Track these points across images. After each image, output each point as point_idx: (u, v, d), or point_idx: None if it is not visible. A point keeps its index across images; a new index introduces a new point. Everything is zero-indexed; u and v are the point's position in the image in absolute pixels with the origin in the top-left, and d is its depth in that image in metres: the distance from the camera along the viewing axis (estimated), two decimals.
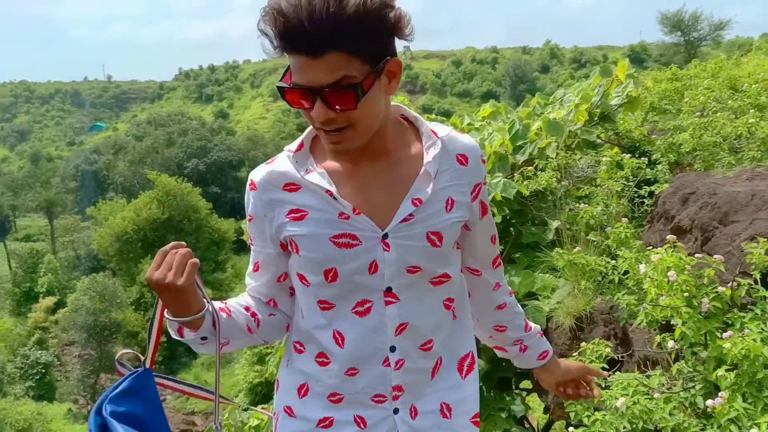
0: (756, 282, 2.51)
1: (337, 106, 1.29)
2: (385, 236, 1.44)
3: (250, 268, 1.64)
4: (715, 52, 48.86)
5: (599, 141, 5.68)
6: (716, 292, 2.48)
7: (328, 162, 1.49)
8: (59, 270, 42.39)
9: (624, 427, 2.67)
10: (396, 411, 1.53)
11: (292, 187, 1.47)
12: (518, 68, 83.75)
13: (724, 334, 2.31)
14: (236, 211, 52.93)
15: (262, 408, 6.13)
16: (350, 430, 1.54)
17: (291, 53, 1.29)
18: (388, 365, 1.50)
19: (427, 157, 1.45)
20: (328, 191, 1.42)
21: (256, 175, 1.51)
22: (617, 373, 3.02)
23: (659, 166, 5.16)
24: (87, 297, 31.12)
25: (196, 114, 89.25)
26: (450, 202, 1.46)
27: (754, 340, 2.22)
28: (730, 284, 2.50)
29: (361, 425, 1.53)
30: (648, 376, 2.83)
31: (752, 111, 5.25)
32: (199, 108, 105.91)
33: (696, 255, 2.63)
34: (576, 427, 2.87)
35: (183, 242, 1.48)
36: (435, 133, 1.49)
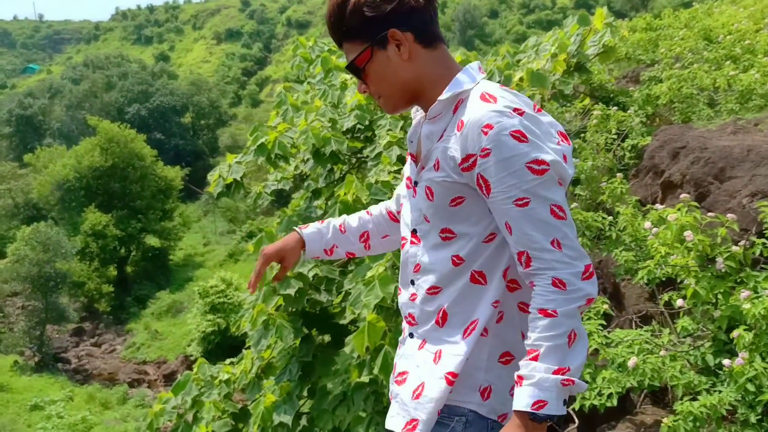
0: None
1: (362, 83, 1.68)
2: (416, 183, 1.71)
3: None
4: None
5: (573, 92, 5.62)
6: (729, 251, 2.47)
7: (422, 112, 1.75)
8: None
9: (630, 384, 2.68)
10: (411, 335, 1.78)
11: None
12: (467, 13, 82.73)
13: (742, 294, 2.30)
14: (181, 158, 51.61)
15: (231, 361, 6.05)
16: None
17: None
18: (407, 295, 1.76)
19: (428, 115, 1.64)
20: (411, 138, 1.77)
21: None
22: (618, 330, 3.02)
23: (636, 118, 5.15)
24: (29, 247, 30.04)
25: (136, 56, 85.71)
26: (437, 162, 1.61)
27: None
28: (742, 243, 2.49)
29: (404, 332, 1.83)
30: (654, 335, 2.84)
31: (727, 63, 5.26)
32: (139, 50, 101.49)
33: (709, 214, 2.60)
34: None
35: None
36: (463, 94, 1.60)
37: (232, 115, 67.24)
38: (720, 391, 2.40)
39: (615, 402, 2.68)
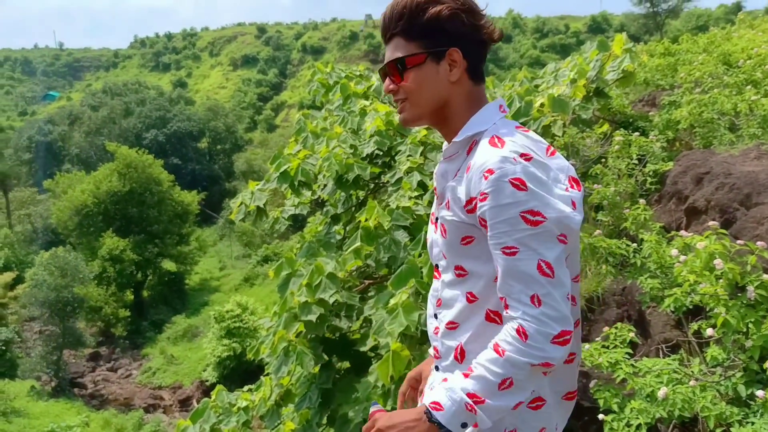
0: None
1: (395, 80, 1.67)
2: (436, 219, 1.73)
3: None
4: (675, 23, 49.40)
5: (591, 117, 5.61)
6: (760, 279, 2.44)
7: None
8: (16, 244, 41.25)
9: (659, 415, 2.64)
10: (437, 368, 1.80)
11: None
12: None
13: None
14: (197, 182, 52.08)
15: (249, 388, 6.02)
16: None
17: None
18: (432, 328, 1.80)
19: (443, 154, 1.71)
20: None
21: None
22: (645, 359, 2.98)
23: (657, 144, 5.12)
24: (47, 272, 30.29)
25: (154, 83, 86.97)
26: (447, 201, 1.64)
27: None
28: None
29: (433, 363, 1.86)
30: (682, 364, 2.80)
31: (748, 87, 5.23)
32: (157, 77, 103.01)
33: (738, 241, 2.58)
34: (606, 413, 2.83)
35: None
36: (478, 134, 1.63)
37: (248, 140, 67.88)
38: (753, 423, 2.36)
39: None
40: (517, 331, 1.45)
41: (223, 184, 56.36)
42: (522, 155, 1.49)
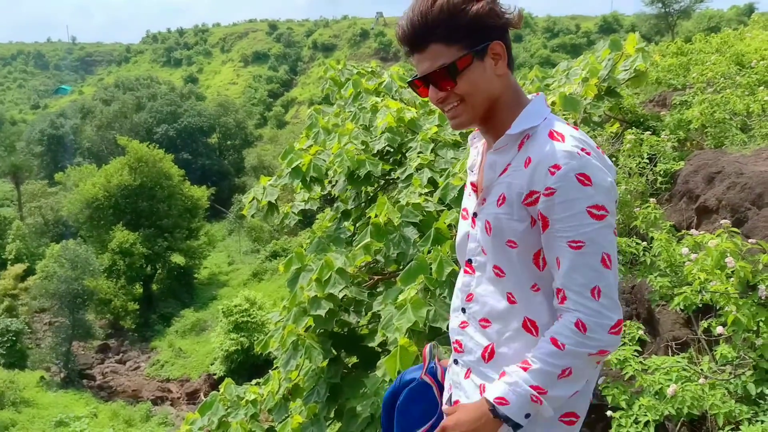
0: None
1: (447, 87, 1.61)
2: (475, 215, 1.72)
3: None
4: (686, 24, 49.06)
5: (603, 116, 5.59)
6: None
7: (484, 140, 1.78)
8: (27, 236, 41.51)
9: (668, 412, 2.65)
10: (456, 362, 1.80)
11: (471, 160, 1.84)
12: None
13: None
14: (207, 177, 52.20)
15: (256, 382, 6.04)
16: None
17: (410, 54, 1.66)
18: (457, 322, 1.79)
19: (492, 147, 1.67)
20: (470, 167, 1.79)
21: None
22: (654, 356, 2.99)
23: (668, 143, 5.12)
24: (58, 264, 30.50)
25: (165, 78, 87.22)
26: (502, 197, 1.61)
27: None
28: None
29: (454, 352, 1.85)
30: (691, 362, 2.81)
31: (761, 88, 5.22)
32: (168, 72, 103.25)
33: (749, 240, 2.58)
34: (614, 410, 2.85)
35: None
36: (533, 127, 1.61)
37: (258, 136, 67.98)
38: (762, 421, 2.36)
39: (652, 430, 2.65)
40: (576, 324, 1.49)
41: (232, 180, 56.50)
42: (583, 150, 1.52)
